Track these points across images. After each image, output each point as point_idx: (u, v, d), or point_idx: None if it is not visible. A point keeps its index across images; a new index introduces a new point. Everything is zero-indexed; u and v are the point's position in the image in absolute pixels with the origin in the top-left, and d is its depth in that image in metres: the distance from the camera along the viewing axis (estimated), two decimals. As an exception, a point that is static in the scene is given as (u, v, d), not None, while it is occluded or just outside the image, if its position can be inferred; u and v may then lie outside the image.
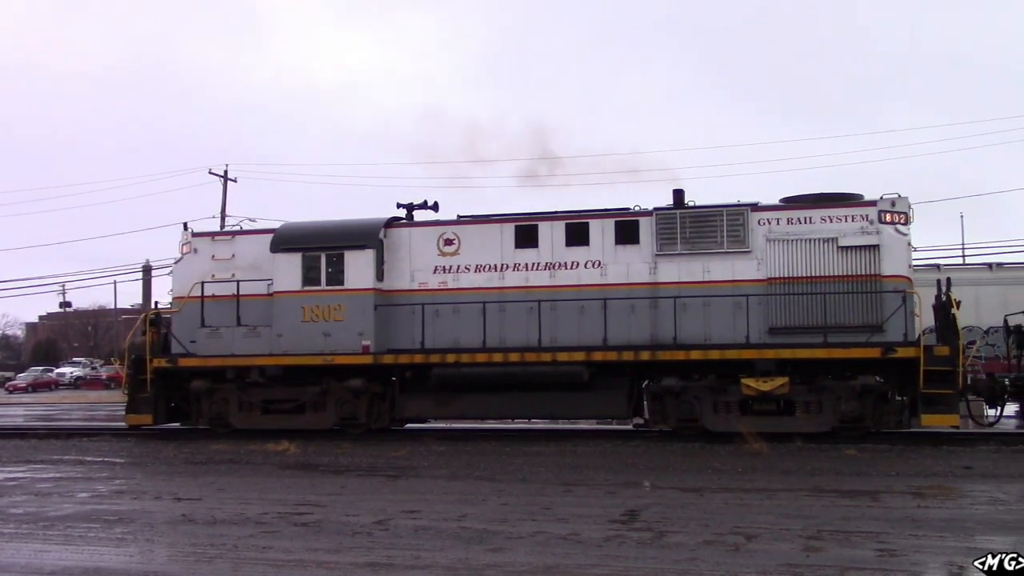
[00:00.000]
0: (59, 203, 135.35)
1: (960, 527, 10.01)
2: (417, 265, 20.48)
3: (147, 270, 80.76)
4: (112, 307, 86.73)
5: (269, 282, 20.74)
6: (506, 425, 22.89)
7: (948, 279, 18.71)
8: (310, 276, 20.41)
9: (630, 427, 20.53)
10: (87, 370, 74.75)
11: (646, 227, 19.54)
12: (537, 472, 15.01)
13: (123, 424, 22.12)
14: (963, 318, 18.36)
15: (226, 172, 53.50)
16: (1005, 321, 19.79)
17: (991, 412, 19.02)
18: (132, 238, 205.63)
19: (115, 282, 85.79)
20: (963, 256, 40.20)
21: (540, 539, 9.68)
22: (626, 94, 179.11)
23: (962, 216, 58.16)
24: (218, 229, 22.44)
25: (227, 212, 52.78)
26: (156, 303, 22.75)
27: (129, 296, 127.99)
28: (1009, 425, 19.53)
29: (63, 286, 74.12)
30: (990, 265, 26.77)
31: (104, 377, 67.55)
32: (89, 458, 18.20)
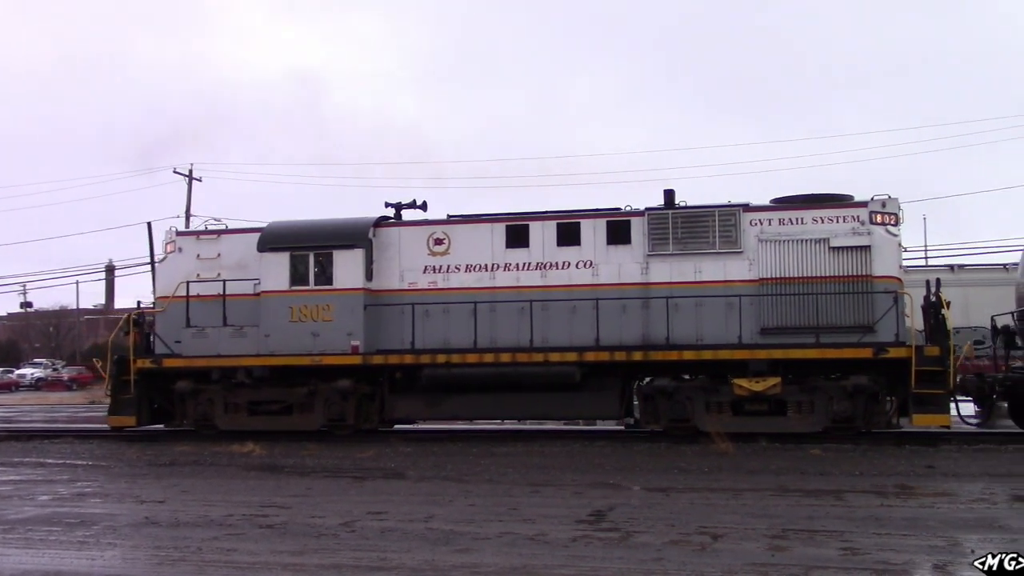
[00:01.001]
0: (18, 202, 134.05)
1: (923, 525, 10.26)
2: (407, 265, 20.55)
3: (110, 270, 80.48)
4: (74, 307, 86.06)
5: (256, 282, 20.73)
6: (473, 426, 23.04)
7: (938, 280, 19.05)
8: (298, 276, 20.42)
9: (598, 428, 20.86)
10: (48, 371, 73.84)
11: (638, 227, 19.73)
12: (504, 473, 15.19)
13: (85, 426, 22.01)
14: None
15: (191, 172, 53.42)
16: (993, 321, 20.16)
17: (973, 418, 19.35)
18: (94, 238, 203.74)
19: (77, 282, 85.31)
20: (926, 258, 40.96)
21: (507, 540, 9.78)
22: (574, 96, 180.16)
23: (924, 218, 59.11)
24: (203, 228, 22.21)
25: (192, 212, 52.80)
26: (139, 303, 22.58)
27: (91, 296, 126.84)
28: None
29: (24, 286, 73.58)
30: (951, 267, 27.27)
31: (66, 379, 66.87)
32: (50, 460, 18.13)
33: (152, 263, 53.11)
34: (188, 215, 52.67)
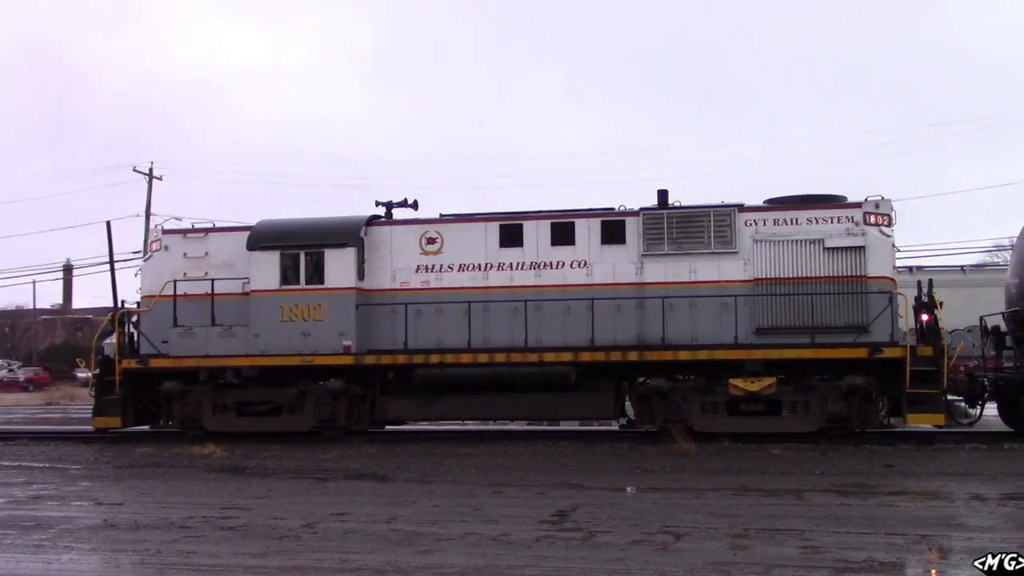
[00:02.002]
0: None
1: (881, 523, 10.52)
2: (399, 264, 20.57)
3: (68, 269, 79.51)
4: (31, 307, 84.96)
5: (245, 281, 20.66)
6: (436, 426, 23.14)
7: (930, 280, 19.39)
8: (289, 275, 20.37)
9: (562, 428, 21.15)
10: (4, 372, 72.88)
11: (632, 227, 19.89)
12: (468, 473, 15.34)
13: (42, 428, 21.75)
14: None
15: (151, 170, 52.99)
16: (983, 322, 20.54)
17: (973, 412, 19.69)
18: (51, 237, 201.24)
19: (34, 282, 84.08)
20: None
21: (470, 540, 9.90)
22: (521, 95, 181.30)
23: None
24: (190, 226, 22.06)
25: (152, 211, 52.39)
26: (123, 302, 22.38)
27: (49, 296, 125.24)
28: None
29: (-21, 286, 72.48)
30: (911, 268, 27.70)
31: (22, 379, 66.04)
32: (5, 463, 17.96)
33: (111, 262, 52.72)
34: (148, 214, 52.31)
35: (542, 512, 11.55)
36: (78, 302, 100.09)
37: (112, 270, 51.13)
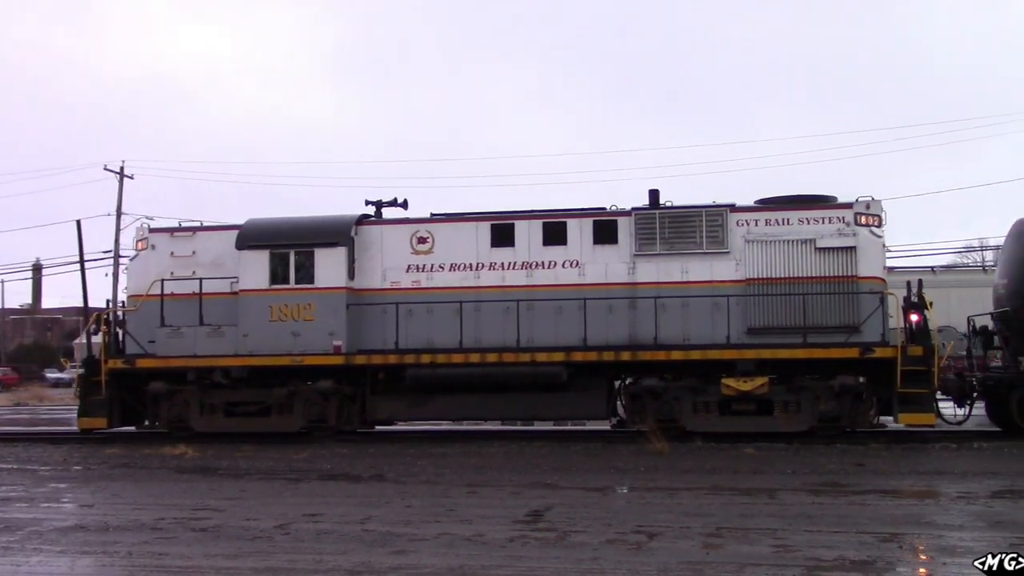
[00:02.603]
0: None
1: (853, 522, 10.65)
2: (389, 264, 20.56)
3: (37, 269, 78.85)
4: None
5: (233, 280, 20.58)
6: (411, 427, 23.17)
7: (920, 281, 19.59)
8: (278, 274, 20.31)
9: (536, 428, 21.45)
10: (-29, 373, 72.21)
11: (624, 227, 19.98)
12: (441, 473, 15.37)
13: (10, 429, 21.54)
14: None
15: (122, 169, 52.55)
16: (972, 322, 20.79)
17: (960, 411, 19.91)
18: (19, 236, 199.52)
19: (2, 281, 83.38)
20: None
21: (444, 540, 9.91)
22: (490, 95, 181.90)
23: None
24: (178, 225, 21.97)
25: (123, 210, 52.07)
26: (108, 301, 22.24)
27: (17, 296, 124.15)
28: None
29: (-54, 285, 71.68)
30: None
31: (-9, 379, 65.57)
32: None
33: (81, 262, 52.48)
34: (119, 213, 52.04)
35: (516, 512, 11.62)
36: (47, 302, 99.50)
37: (82, 269, 51.41)
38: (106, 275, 53.02)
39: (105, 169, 52.24)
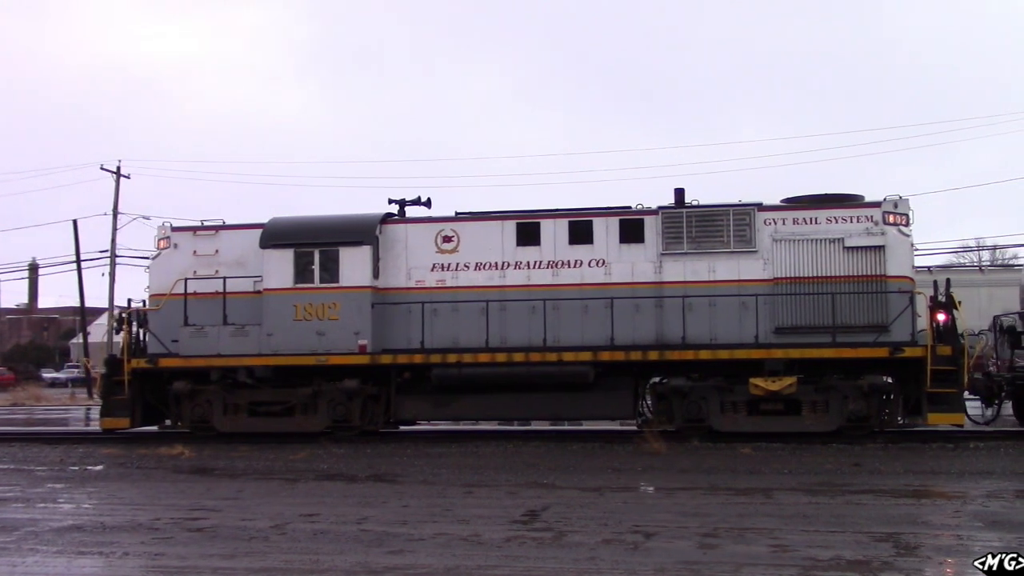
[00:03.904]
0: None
1: (849, 521, 10.81)
2: (414, 263, 20.63)
3: (33, 268, 78.87)
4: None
5: (256, 279, 20.66)
6: (406, 428, 23.06)
7: (948, 280, 19.67)
8: (303, 273, 20.37)
9: (532, 428, 21.74)
10: (-32, 373, 72.27)
11: (651, 226, 20.06)
12: (438, 473, 15.50)
13: (6, 429, 21.50)
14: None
15: (119, 168, 52.63)
16: (999, 321, 20.90)
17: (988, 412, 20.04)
18: (15, 236, 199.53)
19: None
20: None
21: (441, 540, 10.02)
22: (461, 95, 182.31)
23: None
24: (199, 224, 21.95)
25: (120, 210, 52.17)
26: (129, 300, 22.28)
27: (14, 296, 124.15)
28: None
29: (-57, 285, 71.70)
30: None
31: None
32: None
33: (78, 261, 52.52)
34: (116, 212, 52.15)
35: (513, 512, 11.75)
36: (44, 301, 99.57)
37: (79, 269, 51.50)
38: (103, 275, 53.41)
39: (102, 168, 52.36)
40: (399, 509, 12.22)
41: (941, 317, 19.07)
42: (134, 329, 21.32)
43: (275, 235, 20.68)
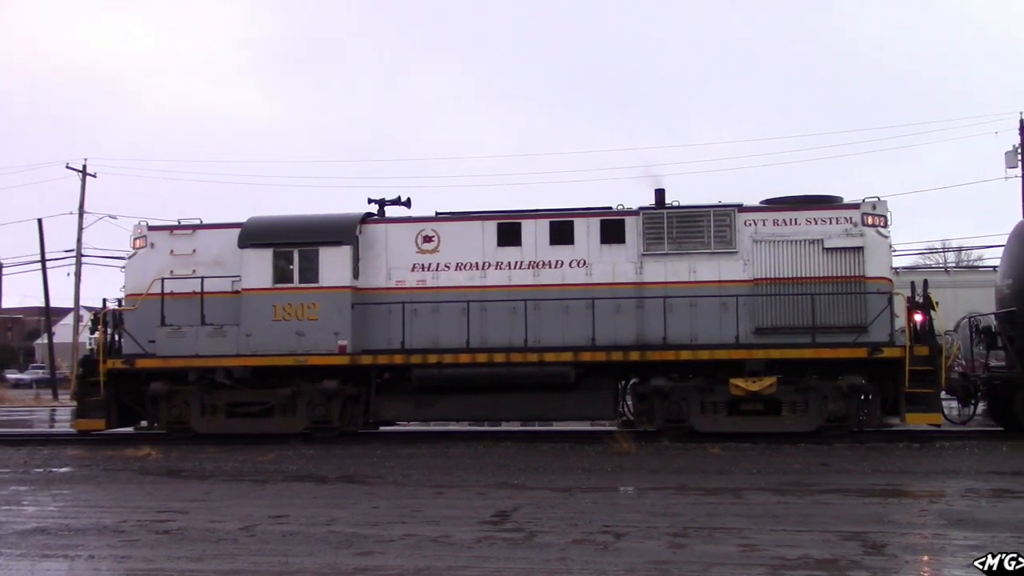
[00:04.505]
0: None
1: (817, 521, 10.97)
2: (394, 263, 20.62)
3: (-5, 267, 77.85)
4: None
5: (234, 279, 20.54)
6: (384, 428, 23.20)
7: (925, 281, 19.92)
8: (282, 273, 20.31)
9: (503, 428, 21.80)
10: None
11: (632, 226, 20.17)
12: (408, 474, 15.52)
13: None
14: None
15: (84, 167, 52.20)
16: (975, 322, 21.18)
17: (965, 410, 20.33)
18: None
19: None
20: None
21: (411, 542, 10.04)
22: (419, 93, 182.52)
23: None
24: (176, 223, 21.80)
25: (85, 209, 51.80)
26: (104, 300, 22.08)
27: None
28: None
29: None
30: None
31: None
32: None
33: (43, 260, 51.99)
34: (81, 211, 51.77)
35: (483, 513, 11.79)
36: (8, 301, 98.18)
37: (44, 269, 51.01)
38: (68, 274, 52.95)
39: (67, 167, 51.92)
40: (369, 510, 12.25)
41: (918, 318, 19.32)
42: (109, 329, 21.15)
43: (254, 235, 20.59)
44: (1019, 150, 42.41)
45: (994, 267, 34.76)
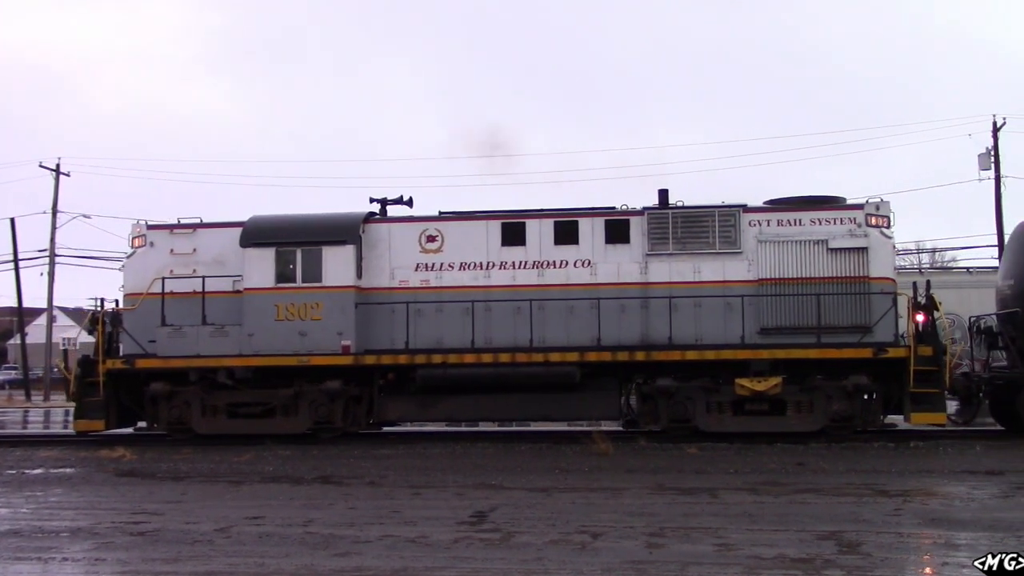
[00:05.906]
0: None
1: (793, 520, 11.15)
2: (397, 263, 20.66)
3: (-31, 266, 77.17)
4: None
5: (235, 278, 20.53)
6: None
7: (928, 281, 20.18)
8: (285, 272, 20.31)
9: (481, 429, 21.87)
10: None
11: (637, 226, 20.31)
12: (385, 475, 15.59)
13: None
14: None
15: (58, 166, 51.92)
16: (975, 322, 21.47)
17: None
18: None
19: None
20: None
21: (388, 542, 10.08)
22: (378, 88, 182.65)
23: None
24: (176, 222, 21.74)
25: (59, 208, 51.50)
26: (102, 300, 22.01)
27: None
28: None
29: None
30: None
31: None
32: None
33: (16, 260, 51.60)
34: (55, 211, 51.43)
35: (461, 513, 11.86)
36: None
37: (16, 269, 50.64)
38: (41, 274, 52.59)
39: (40, 166, 51.59)
40: (345, 511, 12.29)
41: (921, 318, 19.55)
42: (107, 329, 21.09)
43: (256, 234, 20.58)
44: (992, 152, 43.02)
45: (968, 268, 35.42)
